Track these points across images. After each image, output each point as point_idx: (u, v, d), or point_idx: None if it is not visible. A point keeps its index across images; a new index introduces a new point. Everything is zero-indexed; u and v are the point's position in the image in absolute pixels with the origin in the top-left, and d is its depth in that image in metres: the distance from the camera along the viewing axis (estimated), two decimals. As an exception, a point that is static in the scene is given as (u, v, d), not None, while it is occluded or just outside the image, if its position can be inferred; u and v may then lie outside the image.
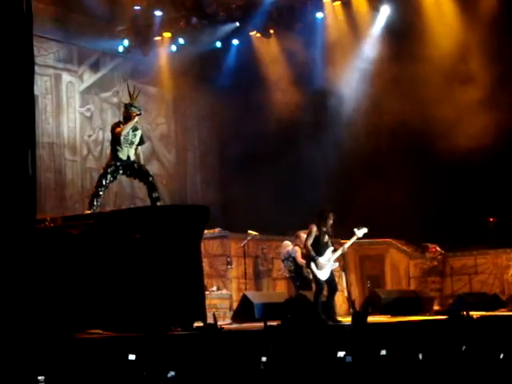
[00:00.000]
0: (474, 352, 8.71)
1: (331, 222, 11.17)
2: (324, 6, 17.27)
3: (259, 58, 18.82)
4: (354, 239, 11.53)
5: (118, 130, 10.70)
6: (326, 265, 11.05)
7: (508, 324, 10.32)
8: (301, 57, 17.96)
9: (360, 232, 11.46)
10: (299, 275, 13.60)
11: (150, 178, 10.92)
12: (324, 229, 11.15)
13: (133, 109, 10.81)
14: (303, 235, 13.99)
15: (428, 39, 16.61)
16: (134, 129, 10.84)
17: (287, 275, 14.27)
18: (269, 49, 18.70)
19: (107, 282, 9.30)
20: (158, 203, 10.78)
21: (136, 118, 10.72)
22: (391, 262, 17.14)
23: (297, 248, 13.70)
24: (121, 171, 10.89)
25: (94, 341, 8.16)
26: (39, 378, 5.01)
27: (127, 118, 10.79)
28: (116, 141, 10.71)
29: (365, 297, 16.11)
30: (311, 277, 11.56)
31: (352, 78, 17.86)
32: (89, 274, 9.36)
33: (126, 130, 10.66)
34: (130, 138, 10.77)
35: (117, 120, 11.48)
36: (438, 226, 16.03)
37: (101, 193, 10.81)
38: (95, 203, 10.71)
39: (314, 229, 11.14)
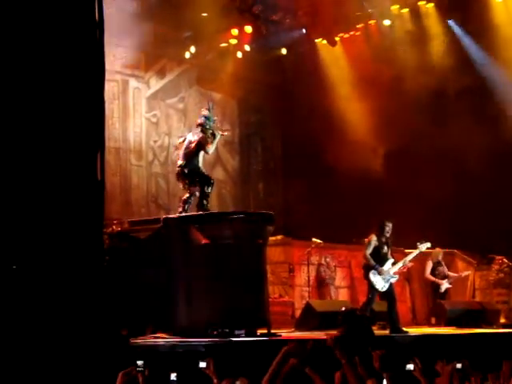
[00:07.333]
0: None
1: (390, 232, 11.04)
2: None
3: (323, 65, 18.73)
4: (416, 253, 11.36)
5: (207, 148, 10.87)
6: (386, 276, 10.90)
7: None
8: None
9: (423, 246, 11.31)
10: None
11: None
12: (383, 239, 11.01)
13: (211, 124, 10.96)
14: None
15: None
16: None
17: None
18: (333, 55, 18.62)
19: (173, 286, 9.36)
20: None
21: (218, 136, 10.88)
22: (456, 273, 16.80)
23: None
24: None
25: (160, 346, 8.20)
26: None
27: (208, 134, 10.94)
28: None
29: (429, 307, 15.87)
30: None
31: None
32: (154, 278, 9.43)
33: (212, 148, 10.88)
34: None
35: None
36: (507, 237, 15.67)
37: (191, 200, 10.83)
38: (186, 207, 10.70)
39: (374, 239, 11.01)
